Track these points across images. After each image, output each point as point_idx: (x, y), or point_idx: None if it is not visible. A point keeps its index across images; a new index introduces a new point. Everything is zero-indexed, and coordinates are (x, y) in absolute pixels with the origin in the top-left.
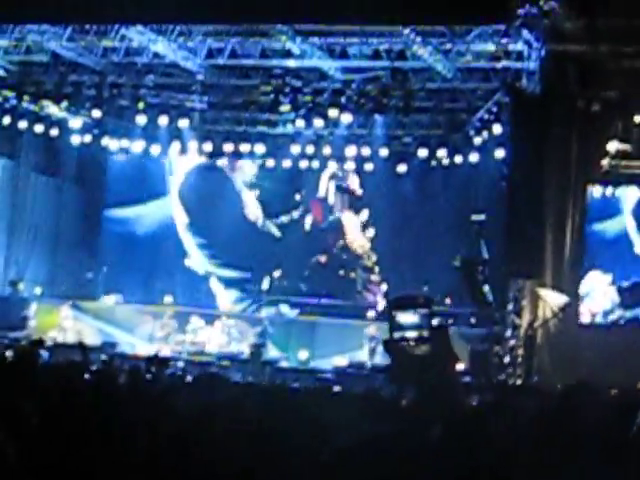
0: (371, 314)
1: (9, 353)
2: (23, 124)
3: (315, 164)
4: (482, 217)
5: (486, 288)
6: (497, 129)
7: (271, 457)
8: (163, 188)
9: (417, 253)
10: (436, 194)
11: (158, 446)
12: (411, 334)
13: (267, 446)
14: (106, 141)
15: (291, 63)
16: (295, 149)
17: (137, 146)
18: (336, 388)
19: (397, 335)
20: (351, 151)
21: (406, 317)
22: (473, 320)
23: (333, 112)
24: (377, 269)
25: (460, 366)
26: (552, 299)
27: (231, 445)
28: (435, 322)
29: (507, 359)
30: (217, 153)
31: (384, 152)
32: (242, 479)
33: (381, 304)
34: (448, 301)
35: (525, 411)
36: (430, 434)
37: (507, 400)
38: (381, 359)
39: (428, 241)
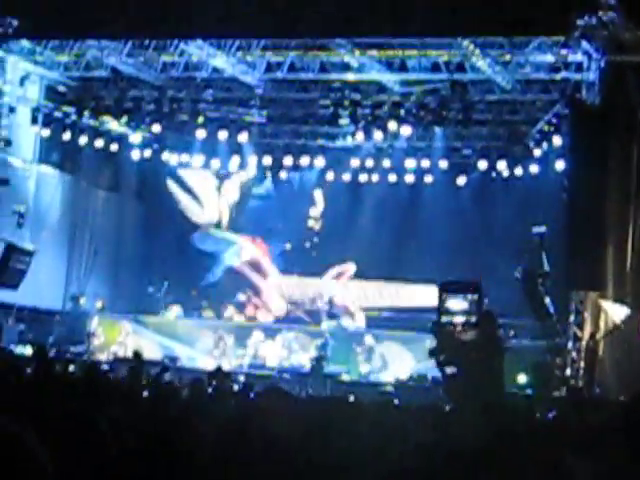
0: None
1: (72, 367)
2: (83, 139)
3: (375, 177)
4: (543, 229)
5: (547, 300)
6: (557, 141)
7: (332, 470)
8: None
9: (477, 265)
10: (496, 206)
11: (220, 463)
12: (459, 319)
13: (329, 459)
14: (166, 156)
15: (350, 76)
16: (355, 162)
17: (197, 160)
18: (396, 401)
19: (445, 319)
20: (411, 163)
21: (455, 302)
22: (535, 332)
23: (392, 125)
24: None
25: (522, 378)
26: (614, 311)
27: (293, 459)
28: (483, 308)
29: (569, 371)
30: (277, 166)
31: (444, 164)
32: None
33: None
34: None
35: (589, 425)
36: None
37: (570, 415)
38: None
39: (488, 253)
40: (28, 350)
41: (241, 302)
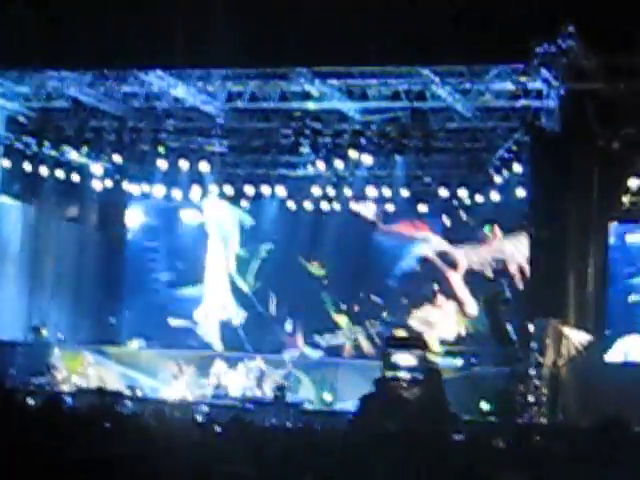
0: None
1: (31, 401)
2: (44, 170)
3: (336, 206)
4: (502, 257)
5: (509, 327)
6: (517, 168)
7: None
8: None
9: None
10: (458, 232)
11: None
12: (404, 375)
13: None
14: (127, 186)
15: (310, 105)
16: (316, 190)
17: (158, 190)
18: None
19: (389, 374)
20: (372, 192)
21: (401, 357)
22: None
23: (353, 153)
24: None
25: (484, 406)
26: (575, 337)
27: None
28: (429, 365)
29: (531, 398)
30: (238, 196)
31: (405, 193)
32: None
33: None
34: None
35: (553, 452)
36: None
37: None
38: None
39: None
40: None
41: None
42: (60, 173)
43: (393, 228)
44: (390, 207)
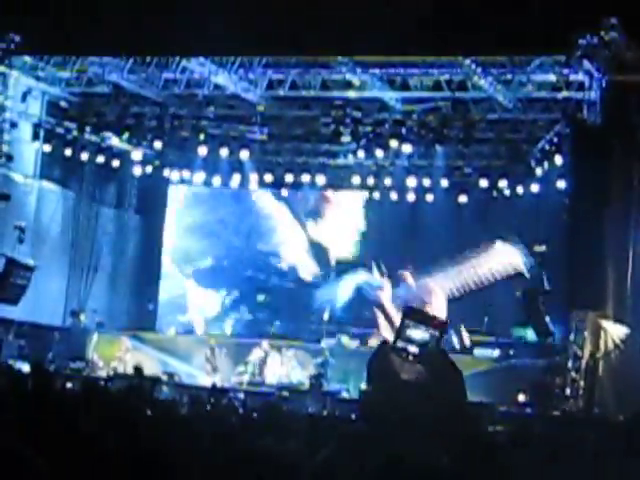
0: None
1: (70, 385)
2: (85, 156)
3: (376, 195)
4: (544, 248)
5: (548, 319)
6: (558, 160)
7: None
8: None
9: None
10: (497, 225)
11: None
12: (414, 349)
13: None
14: (167, 172)
15: (351, 94)
16: (356, 180)
17: (198, 177)
18: None
19: (400, 344)
20: (412, 182)
21: (417, 332)
22: (535, 351)
23: (394, 143)
24: None
25: (521, 397)
26: (614, 330)
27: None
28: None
29: (568, 391)
30: (278, 184)
31: (445, 183)
32: None
33: None
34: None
35: (586, 443)
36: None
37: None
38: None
39: None
40: (26, 367)
41: None
42: (101, 159)
43: None
44: (430, 197)
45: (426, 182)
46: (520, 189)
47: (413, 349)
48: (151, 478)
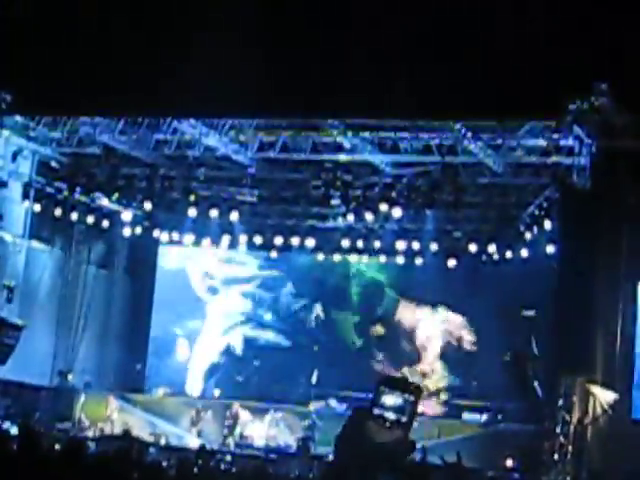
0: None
1: (57, 446)
2: (74, 216)
3: (365, 259)
4: (532, 313)
5: (536, 384)
6: (548, 224)
7: None
8: None
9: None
10: (486, 289)
11: None
12: (390, 415)
13: None
14: (157, 233)
15: (342, 157)
16: (345, 243)
17: (188, 239)
18: None
19: (377, 412)
20: (401, 245)
21: (390, 398)
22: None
23: (384, 206)
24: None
25: (509, 462)
26: (602, 395)
27: None
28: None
29: (557, 456)
30: (267, 246)
31: (434, 247)
32: None
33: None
34: None
35: None
36: None
37: None
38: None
39: (478, 335)
40: (13, 428)
41: None
42: (90, 219)
43: None
44: (419, 261)
45: (415, 246)
46: (509, 253)
47: (391, 416)
48: None
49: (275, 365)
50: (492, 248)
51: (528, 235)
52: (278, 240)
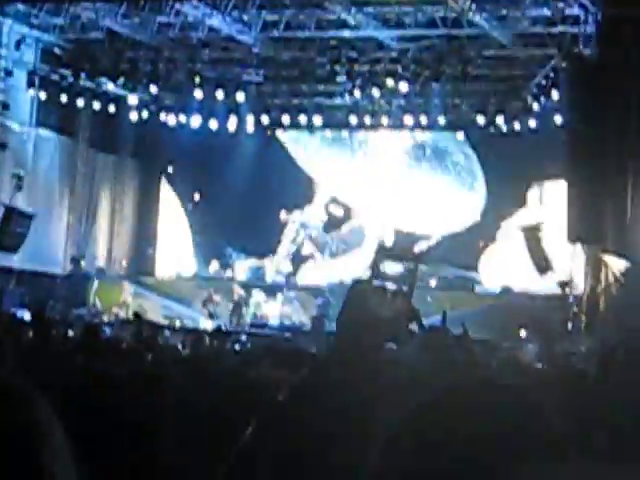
0: None
1: (71, 333)
2: (80, 102)
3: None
4: (543, 184)
5: (547, 253)
6: (555, 95)
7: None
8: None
9: None
10: (496, 160)
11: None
12: (391, 285)
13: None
14: (164, 116)
15: (347, 34)
16: (353, 119)
17: (195, 121)
18: None
19: (377, 283)
20: (409, 120)
21: (390, 266)
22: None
23: (390, 81)
24: None
25: (522, 333)
26: (614, 264)
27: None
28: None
29: (570, 326)
30: (274, 125)
31: (442, 120)
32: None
33: None
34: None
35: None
36: None
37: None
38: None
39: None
40: (28, 315)
41: None
42: (96, 104)
43: None
44: (428, 135)
45: (423, 120)
46: (517, 125)
47: (391, 286)
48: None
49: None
50: (500, 120)
51: (535, 106)
52: (285, 119)
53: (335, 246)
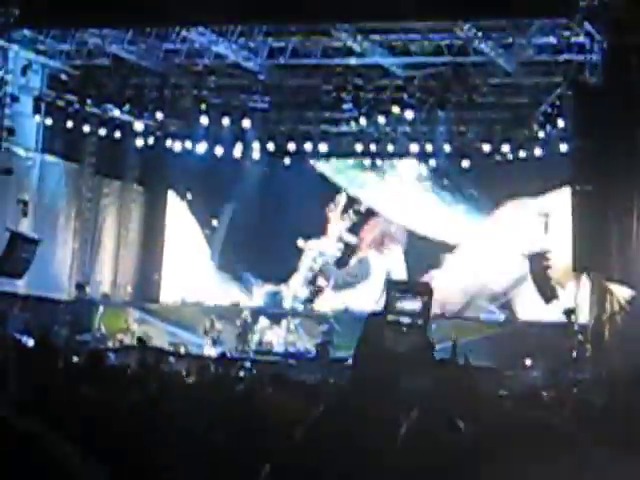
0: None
1: (76, 359)
2: (86, 128)
3: (378, 162)
4: (548, 211)
5: (553, 282)
6: (560, 123)
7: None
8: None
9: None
10: (499, 188)
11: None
12: (406, 320)
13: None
14: (169, 143)
15: (352, 61)
16: (358, 147)
17: (200, 147)
18: None
19: (391, 318)
20: (414, 148)
21: (406, 303)
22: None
23: (395, 109)
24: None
25: (527, 361)
26: (619, 292)
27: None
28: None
29: (575, 354)
30: (280, 153)
31: (447, 148)
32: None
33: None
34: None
35: (594, 404)
36: None
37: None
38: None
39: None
40: (31, 342)
41: None
42: (102, 130)
43: None
44: (432, 162)
45: (428, 148)
46: (522, 153)
47: (406, 320)
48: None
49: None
50: (506, 148)
51: (541, 134)
52: (291, 146)
53: (342, 279)
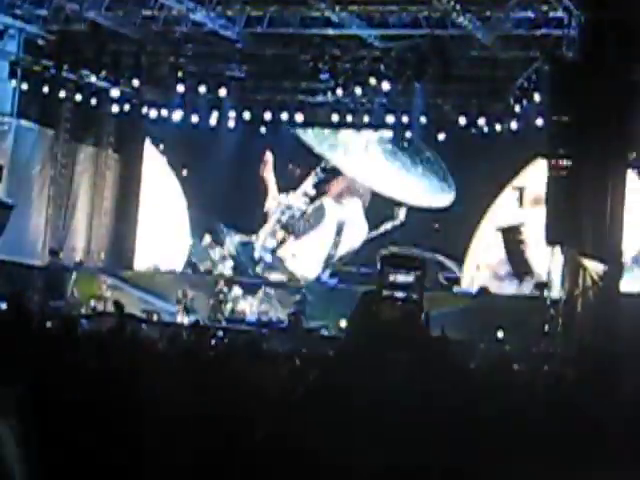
0: None
1: (49, 324)
2: (62, 93)
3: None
4: (522, 185)
5: (527, 255)
6: (537, 97)
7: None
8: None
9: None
10: (476, 162)
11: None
12: (400, 294)
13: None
14: (145, 110)
15: (330, 31)
16: (334, 117)
17: (176, 115)
18: None
19: (386, 293)
20: (390, 119)
21: (399, 277)
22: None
23: (372, 80)
24: None
25: (500, 334)
26: (592, 267)
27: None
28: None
29: (547, 328)
30: (256, 122)
31: (423, 120)
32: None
33: None
34: None
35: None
36: None
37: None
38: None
39: (468, 206)
40: (4, 305)
41: None
42: (78, 96)
43: None
44: (408, 134)
45: (405, 119)
46: (499, 126)
47: (399, 294)
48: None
49: None
50: (482, 121)
51: (517, 108)
52: (267, 115)
53: (302, 227)
